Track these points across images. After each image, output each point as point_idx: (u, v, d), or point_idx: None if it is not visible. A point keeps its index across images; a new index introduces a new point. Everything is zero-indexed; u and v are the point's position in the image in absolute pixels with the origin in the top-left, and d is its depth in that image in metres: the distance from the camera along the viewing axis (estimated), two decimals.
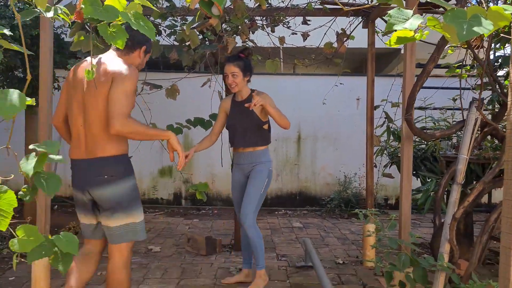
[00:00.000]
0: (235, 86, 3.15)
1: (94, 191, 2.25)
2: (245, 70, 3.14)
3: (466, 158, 2.59)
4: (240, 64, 3.13)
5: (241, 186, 3.27)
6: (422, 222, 5.94)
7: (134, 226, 2.31)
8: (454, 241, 2.47)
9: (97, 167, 2.25)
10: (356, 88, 6.77)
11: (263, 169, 3.16)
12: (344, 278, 3.60)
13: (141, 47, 2.41)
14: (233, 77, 3.12)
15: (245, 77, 3.17)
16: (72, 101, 2.31)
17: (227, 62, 3.18)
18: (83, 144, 2.29)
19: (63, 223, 5.35)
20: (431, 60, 2.47)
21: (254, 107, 2.95)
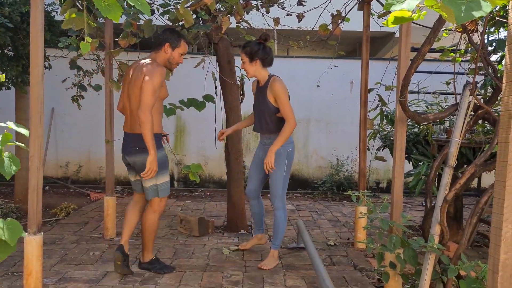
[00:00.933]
0: (247, 73, 3.36)
1: (130, 158, 3.11)
2: (251, 56, 3.27)
3: (459, 141, 2.60)
4: (246, 50, 3.29)
5: (259, 163, 3.52)
6: (412, 205, 6.01)
7: (157, 187, 3.08)
8: (444, 223, 2.50)
9: (133, 140, 3.06)
10: (349, 71, 6.75)
11: (282, 152, 3.31)
12: (335, 259, 3.64)
13: (165, 44, 3.07)
14: (242, 63, 3.33)
15: (253, 61, 3.29)
16: (124, 91, 3.15)
17: (240, 49, 3.36)
18: (128, 122, 3.12)
19: (54, 204, 5.34)
20: (427, 42, 2.46)
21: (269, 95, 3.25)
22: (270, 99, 3.27)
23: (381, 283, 3.06)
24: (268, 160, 3.18)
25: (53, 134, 6.68)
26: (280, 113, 3.27)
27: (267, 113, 3.30)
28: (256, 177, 3.60)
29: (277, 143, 3.19)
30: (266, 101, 3.28)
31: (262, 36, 3.33)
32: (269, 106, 3.27)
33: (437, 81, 4.95)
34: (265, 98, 3.28)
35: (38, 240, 2.77)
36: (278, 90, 3.22)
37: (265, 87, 3.30)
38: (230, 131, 3.60)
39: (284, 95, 3.22)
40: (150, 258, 3.26)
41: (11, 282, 2.98)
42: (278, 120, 3.31)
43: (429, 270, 2.48)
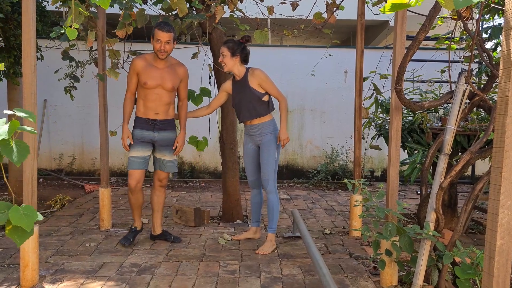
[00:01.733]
0: (224, 66, 3.49)
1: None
2: (233, 51, 3.46)
3: (454, 129, 2.61)
4: (228, 45, 3.47)
5: (252, 154, 3.65)
6: (407, 194, 6.05)
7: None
8: (440, 211, 2.52)
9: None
10: (343, 61, 6.74)
11: (271, 138, 3.53)
12: (331, 247, 3.66)
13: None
14: (222, 56, 3.47)
15: (234, 57, 3.47)
16: None
17: (221, 46, 3.54)
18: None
19: (49, 196, 5.32)
20: (422, 30, 2.45)
21: (251, 83, 3.44)
22: (254, 87, 3.47)
23: (377, 270, 3.09)
24: (283, 137, 3.48)
25: (46, 126, 6.62)
26: (264, 97, 3.50)
27: (254, 100, 3.48)
28: (253, 168, 3.69)
29: (284, 121, 3.50)
30: (250, 90, 3.47)
31: (244, 38, 3.55)
32: (255, 93, 3.47)
33: (431, 69, 4.94)
34: (248, 88, 3.47)
35: (34, 231, 2.75)
36: (263, 75, 3.47)
37: (245, 79, 3.50)
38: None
39: (269, 78, 3.49)
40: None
41: (8, 274, 2.97)
42: (264, 104, 3.52)
43: (425, 257, 2.50)
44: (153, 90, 3.47)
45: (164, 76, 3.47)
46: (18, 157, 1.27)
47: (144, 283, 2.86)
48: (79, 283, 2.85)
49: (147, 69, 3.45)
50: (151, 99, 3.49)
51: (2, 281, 2.86)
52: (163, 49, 3.37)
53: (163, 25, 3.36)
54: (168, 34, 3.36)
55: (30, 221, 1.42)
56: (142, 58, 3.50)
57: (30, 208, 1.43)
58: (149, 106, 3.50)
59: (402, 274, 2.94)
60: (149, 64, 3.47)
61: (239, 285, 2.86)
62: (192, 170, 6.89)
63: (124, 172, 6.77)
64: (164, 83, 3.47)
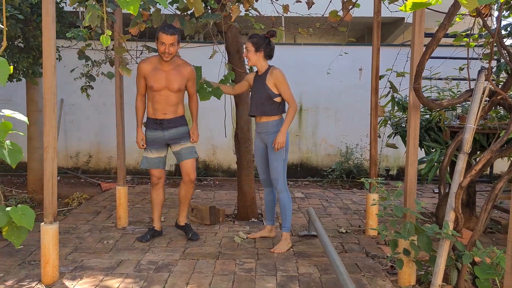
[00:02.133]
0: (248, 61, 3.55)
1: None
2: (257, 46, 3.49)
3: (473, 127, 2.58)
4: (253, 40, 3.50)
5: (262, 152, 3.69)
6: (423, 192, 5.99)
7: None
8: (459, 210, 2.49)
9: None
10: (358, 58, 6.69)
11: None
12: (347, 246, 3.65)
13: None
14: (247, 51, 3.52)
15: (258, 52, 3.50)
16: None
17: (247, 39, 3.56)
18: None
19: (66, 194, 5.39)
20: (441, 28, 2.43)
21: (268, 81, 3.48)
22: (269, 85, 3.50)
23: (394, 270, 3.07)
24: (279, 140, 3.43)
25: (63, 125, 6.71)
26: (277, 98, 3.51)
27: (265, 98, 3.51)
28: (263, 166, 3.74)
29: (286, 125, 3.47)
30: (265, 87, 3.50)
31: (270, 32, 3.57)
32: (268, 91, 3.50)
33: (449, 67, 4.88)
34: (265, 85, 3.51)
35: (54, 229, 2.80)
36: (281, 77, 3.49)
37: (265, 75, 3.53)
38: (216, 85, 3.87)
39: (285, 81, 3.51)
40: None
41: (29, 271, 3.03)
42: (274, 104, 3.54)
43: (444, 257, 2.48)
44: (159, 92, 3.59)
45: (169, 78, 3.57)
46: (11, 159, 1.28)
47: (162, 281, 2.89)
48: (98, 280, 2.89)
49: (153, 72, 3.57)
50: (159, 101, 3.62)
51: (23, 278, 2.91)
52: (167, 51, 3.46)
53: (167, 28, 3.43)
54: (172, 36, 3.43)
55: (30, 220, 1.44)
56: (148, 62, 3.62)
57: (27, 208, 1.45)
58: (157, 107, 3.63)
59: (420, 273, 2.92)
60: (155, 67, 3.59)
61: (256, 284, 2.87)
62: (206, 168, 6.92)
63: (139, 171, 6.83)
64: (170, 85, 3.58)
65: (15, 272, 3.01)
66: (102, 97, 6.44)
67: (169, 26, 3.47)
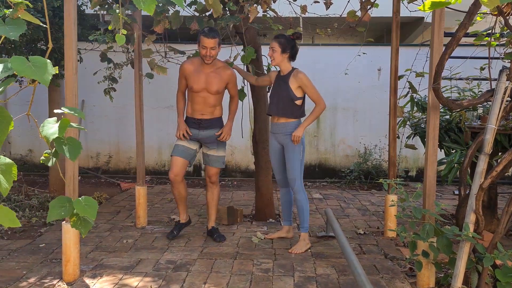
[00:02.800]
0: (273, 60, 3.54)
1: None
2: (284, 47, 3.50)
3: (495, 128, 2.54)
4: (280, 41, 3.50)
5: (277, 153, 3.69)
6: (443, 194, 5.90)
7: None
8: (480, 212, 2.45)
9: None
10: (377, 59, 6.63)
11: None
12: (365, 248, 3.63)
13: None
14: (272, 51, 3.50)
15: (284, 53, 3.51)
16: None
17: (272, 40, 3.55)
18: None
19: (87, 193, 5.48)
20: (462, 27, 2.40)
21: (291, 83, 3.48)
22: (292, 87, 3.49)
23: (413, 272, 3.04)
24: (298, 133, 3.45)
25: (84, 126, 6.83)
26: (298, 101, 3.53)
27: (287, 99, 3.51)
28: (279, 166, 3.75)
29: (309, 120, 3.50)
30: (288, 88, 3.50)
31: (296, 34, 3.59)
32: (290, 93, 3.50)
33: (469, 67, 4.80)
34: (287, 86, 3.51)
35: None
36: (306, 80, 3.50)
37: (288, 77, 3.53)
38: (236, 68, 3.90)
39: (311, 83, 3.53)
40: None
41: (50, 269, 3.09)
42: (294, 106, 3.54)
43: (464, 259, 2.45)
44: (198, 93, 3.65)
45: (209, 80, 3.62)
46: (71, 154, 1.33)
47: (180, 280, 2.92)
48: (118, 279, 2.93)
49: (194, 74, 3.63)
50: (197, 102, 3.69)
51: (45, 275, 2.98)
52: (208, 54, 3.50)
53: (208, 32, 3.47)
54: (213, 40, 3.47)
55: (93, 211, 1.50)
56: (190, 63, 3.68)
57: (90, 200, 1.52)
58: (196, 108, 3.71)
59: (440, 276, 2.88)
60: (196, 68, 3.64)
61: (273, 284, 2.87)
62: (224, 169, 6.93)
63: (158, 171, 6.91)
64: (209, 87, 3.63)
65: (37, 269, 3.08)
66: (122, 99, 6.53)
67: (210, 30, 3.51)
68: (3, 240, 3.72)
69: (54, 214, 1.40)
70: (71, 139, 1.34)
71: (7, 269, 3.07)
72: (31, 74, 1.10)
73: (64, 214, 1.40)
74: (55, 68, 1.18)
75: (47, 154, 1.46)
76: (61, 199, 1.42)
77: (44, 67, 1.13)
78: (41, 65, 1.13)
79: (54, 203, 1.41)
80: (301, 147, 3.54)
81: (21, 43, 3.87)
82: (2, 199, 4.71)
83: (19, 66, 1.10)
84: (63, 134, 1.28)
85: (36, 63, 1.13)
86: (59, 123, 1.27)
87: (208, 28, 3.55)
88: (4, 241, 3.68)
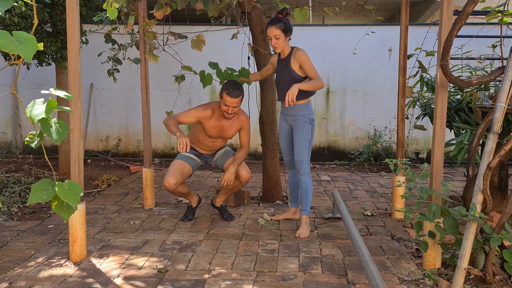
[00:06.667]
0: (278, 47, 3.40)
1: None
2: (286, 30, 3.38)
3: (505, 106, 2.47)
4: (281, 26, 3.36)
5: (287, 134, 3.66)
6: (454, 176, 5.83)
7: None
8: (487, 192, 2.40)
9: None
10: (387, 39, 6.51)
11: (305, 120, 3.48)
12: (372, 229, 3.60)
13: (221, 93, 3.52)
14: (276, 38, 3.36)
15: (287, 37, 3.41)
16: None
17: (269, 25, 3.38)
18: None
19: (96, 176, 5.53)
20: (471, 1, 2.31)
21: (293, 64, 3.38)
22: (294, 69, 3.42)
23: (419, 252, 3.01)
24: (291, 92, 3.18)
25: (93, 109, 6.86)
26: (303, 80, 3.42)
27: (292, 82, 3.40)
28: (288, 148, 3.70)
29: (304, 85, 3.27)
30: (291, 71, 3.43)
31: (284, 11, 3.44)
32: (294, 74, 3.42)
33: (482, 45, 4.69)
34: (290, 68, 3.43)
35: (81, 209, 2.88)
36: (304, 56, 3.38)
37: (289, 58, 3.44)
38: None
39: (309, 60, 3.39)
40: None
41: (58, 249, 3.13)
42: None
43: (470, 239, 2.41)
44: (211, 138, 3.65)
45: (225, 128, 3.63)
46: (57, 135, 1.31)
47: (185, 260, 2.93)
48: (124, 258, 2.96)
49: (212, 121, 3.57)
50: (206, 143, 3.69)
51: (53, 255, 3.01)
52: (230, 112, 3.46)
53: (232, 90, 3.38)
54: (237, 99, 3.41)
55: (75, 196, 1.48)
56: (211, 109, 3.55)
57: (74, 184, 1.49)
58: (201, 146, 3.73)
59: (446, 256, 2.85)
60: (215, 117, 3.57)
61: (278, 264, 2.87)
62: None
63: (167, 154, 6.93)
64: (224, 134, 3.65)
65: (45, 249, 3.12)
66: (130, 81, 6.53)
67: (234, 87, 3.40)
68: (13, 221, 3.77)
69: (36, 197, 1.39)
70: (59, 121, 1.32)
71: (16, 249, 3.12)
72: (13, 48, 1.08)
73: (46, 198, 1.39)
74: (39, 45, 1.16)
75: (32, 135, 1.44)
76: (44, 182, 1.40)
77: (28, 42, 1.10)
78: (24, 40, 1.10)
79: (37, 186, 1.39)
80: (309, 128, 3.49)
81: (26, 24, 3.85)
82: (13, 181, 4.77)
83: (1, 40, 1.08)
84: (49, 115, 1.26)
85: (20, 38, 1.11)
86: (46, 104, 1.25)
87: (231, 84, 3.43)
88: (13, 222, 3.73)
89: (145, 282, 2.61)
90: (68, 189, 1.45)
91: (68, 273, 2.72)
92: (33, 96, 6.32)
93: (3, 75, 6.67)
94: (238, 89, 3.41)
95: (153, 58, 3.74)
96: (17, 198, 4.30)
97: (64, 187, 1.46)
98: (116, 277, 2.68)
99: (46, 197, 1.44)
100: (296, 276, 2.70)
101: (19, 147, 6.94)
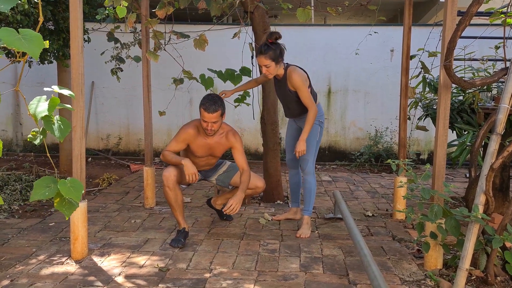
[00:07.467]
0: (269, 74, 3.33)
1: None
2: (276, 58, 3.24)
3: (508, 107, 2.47)
4: (271, 55, 3.22)
5: (294, 131, 3.67)
6: (455, 177, 5.83)
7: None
8: (490, 193, 2.40)
9: None
10: (389, 39, 6.50)
11: (315, 122, 3.44)
12: (373, 229, 3.60)
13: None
14: (267, 67, 3.26)
15: (278, 64, 3.28)
16: None
17: (258, 54, 3.26)
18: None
19: (97, 174, 5.53)
20: (475, 2, 2.31)
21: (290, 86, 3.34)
22: (291, 89, 3.39)
23: (420, 253, 3.01)
24: (299, 148, 3.32)
25: (94, 107, 6.86)
26: None
27: (293, 100, 3.43)
28: (293, 145, 3.67)
29: (306, 131, 3.33)
30: (290, 92, 3.40)
31: (273, 35, 3.25)
32: (293, 93, 3.40)
33: (485, 46, 4.68)
34: (289, 90, 3.40)
35: (82, 207, 2.88)
36: (297, 82, 3.30)
37: (285, 80, 3.38)
38: (230, 94, 3.61)
39: (303, 86, 3.31)
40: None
41: (60, 247, 3.13)
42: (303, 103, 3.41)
43: (472, 241, 2.41)
44: (202, 158, 3.44)
45: (212, 147, 3.38)
46: (60, 133, 1.31)
47: (187, 259, 2.93)
48: (125, 257, 2.96)
49: (197, 141, 3.33)
50: (199, 162, 3.45)
51: (54, 253, 3.01)
52: (210, 128, 3.20)
53: (208, 105, 3.13)
54: (214, 114, 3.14)
55: (78, 193, 1.47)
56: (194, 128, 3.32)
57: (76, 181, 1.48)
58: (196, 165, 3.35)
59: (448, 257, 2.85)
60: (201, 136, 3.33)
61: (279, 264, 2.87)
62: None
63: None
64: (213, 152, 3.42)
65: (46, 247, 3.12)
66: (132, 80, 6.52)
67: (211, 102, 3.14)
68: (14, 218, 3.77)
69: (38, 194, 1.39)
70: (61, 118, 1.32)
71: (17, 247, 3.12)
72: (20, 46, 1.08)
73: (48, 195, 1.39)
74: (45, 42, 1.15)
75: (34, 132, 1.44)
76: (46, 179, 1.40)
77: (34, 40, 1.10)
78: (31, 38, 1.10)
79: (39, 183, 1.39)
80: (318, 128, 3.49)
81: (28, 22, 3.85)
82: (14, 179, 4.77)
83: (8, 38, 1.08)
84: (52, 112, 1.26)
85: (26, 36, 1.11)
86: (49, 102, 1.25)
87: (208, 99, 3.17)
88: (15, 220, 3.73)
89: (147, 281, 2.60)
90: (70, 186, 1.45)
91: (69, 271, 2.72)
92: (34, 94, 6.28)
93: (4, 72, 6.67)
94: (215, 104, 3.14)
95: (153, 57, 3.74)
96: (18, 195, 4.30)
97: (67, 184, 1.46)
98: (117, 275, 2.68)
99: (49, 194, 1.44)
100: (297, 276, 2.70)
101: (19, 145, 6.95)
